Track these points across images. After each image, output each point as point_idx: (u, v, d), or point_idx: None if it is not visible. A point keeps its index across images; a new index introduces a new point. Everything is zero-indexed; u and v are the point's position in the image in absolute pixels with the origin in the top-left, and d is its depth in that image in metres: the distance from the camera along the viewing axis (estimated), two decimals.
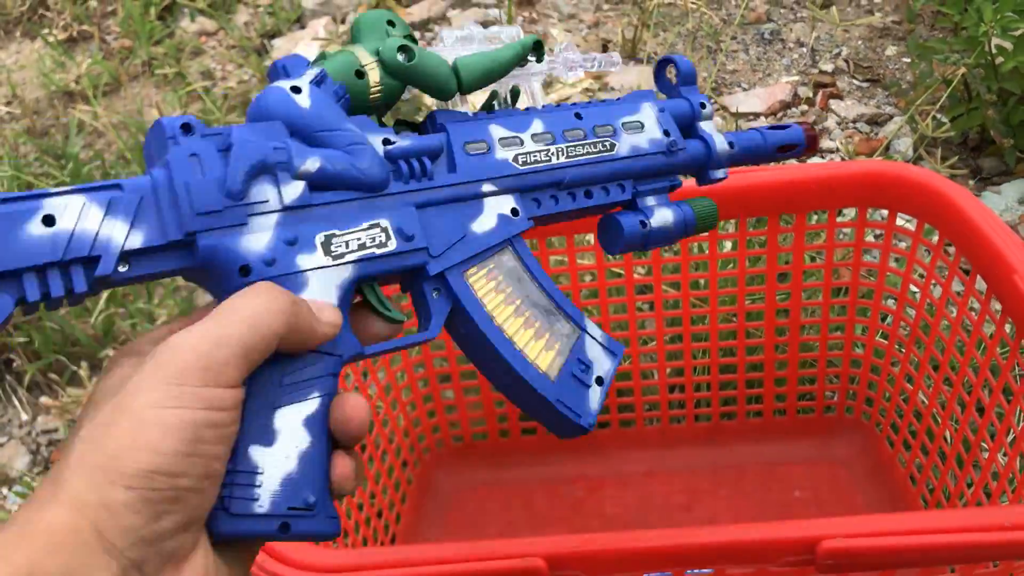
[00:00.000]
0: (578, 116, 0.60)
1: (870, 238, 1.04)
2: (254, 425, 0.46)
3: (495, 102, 0.60)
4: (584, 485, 1.18)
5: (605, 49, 1.95)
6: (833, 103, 1.82)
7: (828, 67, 1.93)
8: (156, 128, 0.48)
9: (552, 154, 0.58)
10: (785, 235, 1.06)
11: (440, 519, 1.15)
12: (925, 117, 1.59)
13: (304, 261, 0.49)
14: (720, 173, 0.66)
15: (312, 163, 0.49)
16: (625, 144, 0.61)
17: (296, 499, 0.46)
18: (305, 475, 0.47)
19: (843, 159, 1.64)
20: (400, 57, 0.53)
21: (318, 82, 0.51)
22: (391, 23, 0.56)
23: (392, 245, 0.52)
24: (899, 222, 1.00)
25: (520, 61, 0.58)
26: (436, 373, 1.14)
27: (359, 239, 0.51)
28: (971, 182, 1.57)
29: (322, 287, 0.49)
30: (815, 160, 1.67)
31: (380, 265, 0.52)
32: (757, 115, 1.80)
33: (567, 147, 0.59)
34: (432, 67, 0.54)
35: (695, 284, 1.10)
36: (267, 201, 0.48)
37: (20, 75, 1.97)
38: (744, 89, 1.89)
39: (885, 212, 1.01)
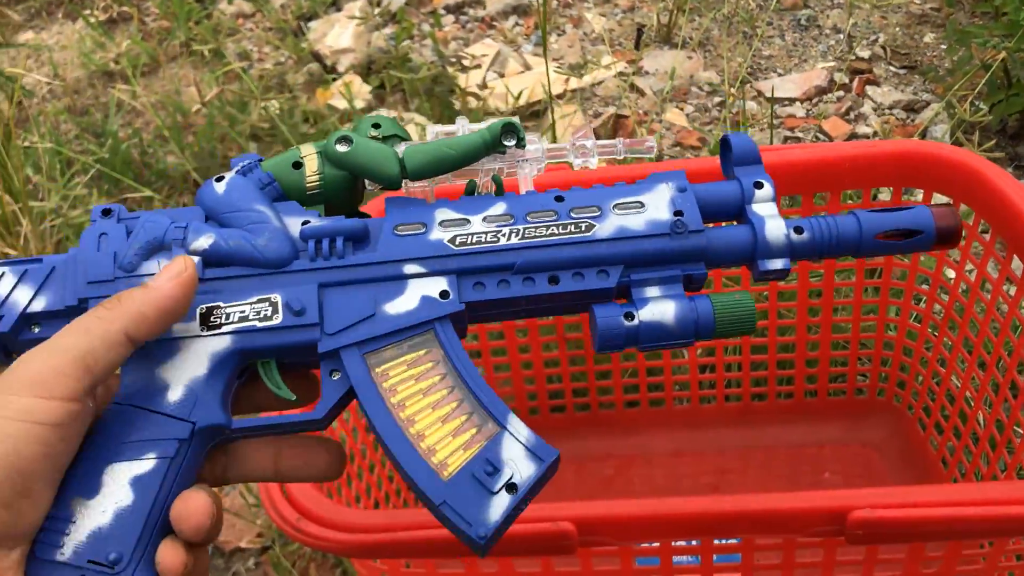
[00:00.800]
0: (559, 199, 0.54)
1: None
2: (81, 474, 0.46)
3: (476, 192, 0.56)
4: (613, 463, 1.18)
5: (640, 33, 1.94)
6: (869, 89, 1.81)
7: (865, 53, 1.91)
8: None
9: (502, 235, 0.52)
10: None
11: None
12: (963, 103, 1.57)
13: (178, 329, 0.50)
14: (777, 263, 0.53)
15: (205, 240, 0.52)
16: (609, 225, 0.53)
17: (99, 554, 0.45)
18: (115, 533, 0.46)
19: None
20: (338, 147, 0.54)
21: (245, 172, 0.54)
22: (376, 125, 0.56)
23: (278, 319, 0.51)
24: (934, 203, 1.00)
25: (490, 148, 0.54)
26: (467, 349, 1.15)
27: (242, 312, 0.51)
28: (1009, 169, 1.55)
29: (194, 355, 0.50)
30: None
31: (263, 339, 0.51)
32: (792, 100, 1.79)
33: (524, 228, 0.53)
34: (370, 155, 0.54)
35: None
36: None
37: (61, 55, 1.99)
38: (779, 75, 1.88)
39: (920, 193, 1.00)
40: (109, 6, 2.07)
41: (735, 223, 0.55)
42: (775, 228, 0.53)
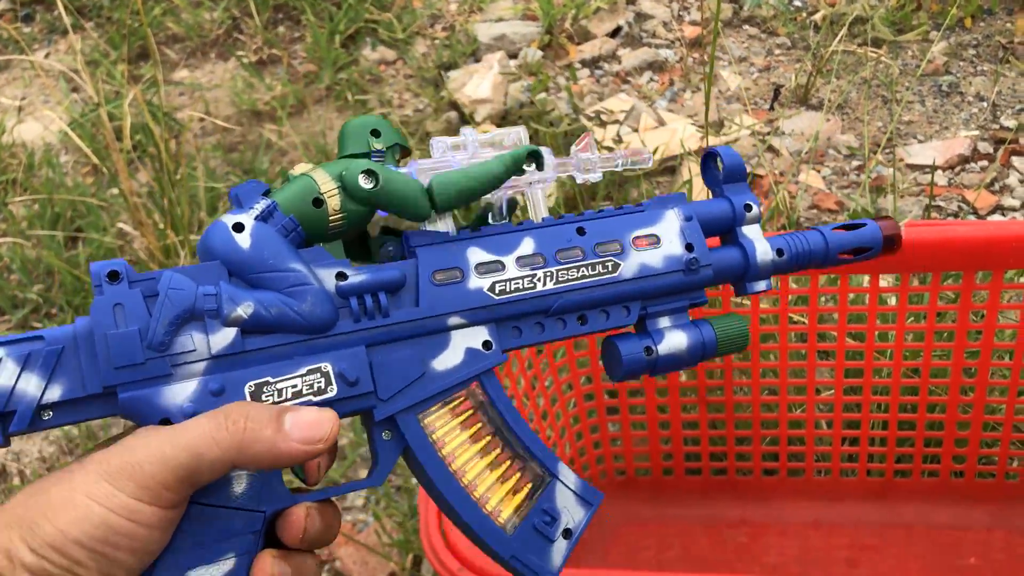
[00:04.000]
0: (581, 231, 0.55)
1: None
2: None
3: (490, 215, 0.55)
4: (746, 530, 1.17)
5: (777, 93, 1.94)
6: (1016, 160, 1.76)
7: (1010, 123, 1.87)
8: (91, 273, 0.47)
9: (538, 280, 0.53)
10: (980, 292, 1.04)
11: (600, 549, 1.16)
12: None
13: None
14: (761, 285, 0.59)
15: (244, 309, 0.47)
16: (632, 264, 0.55)
17: None
18: None
19: None
20: (363, 182, 0.50)
21: (265, 216, 0.49)
22: (376, 132, 0.53)
23: (332, 391, 0.49)
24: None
25: (512, 173, 0.53)
26: (605, 405, 1.16)
27: (295, 386, 0.48)
28: None
29: None
30: (1012, 216, 1.62)
31: None
32: (934, 168, 1.76)
33: (558, 271, 0.54)
34: (399, 191, 0.51)
35: (881, 336, 1.08)
36: (194, 350, 0.47)
37: (213, 93, 2.09)
38: (920, 141, 1.85)
39: None
40: (260, 48, 2.17)
41: (723, 243, 0.60)
42: (764, 253, 0.59)
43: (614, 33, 2.16)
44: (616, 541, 1.17)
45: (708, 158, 0.60)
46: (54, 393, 0.45)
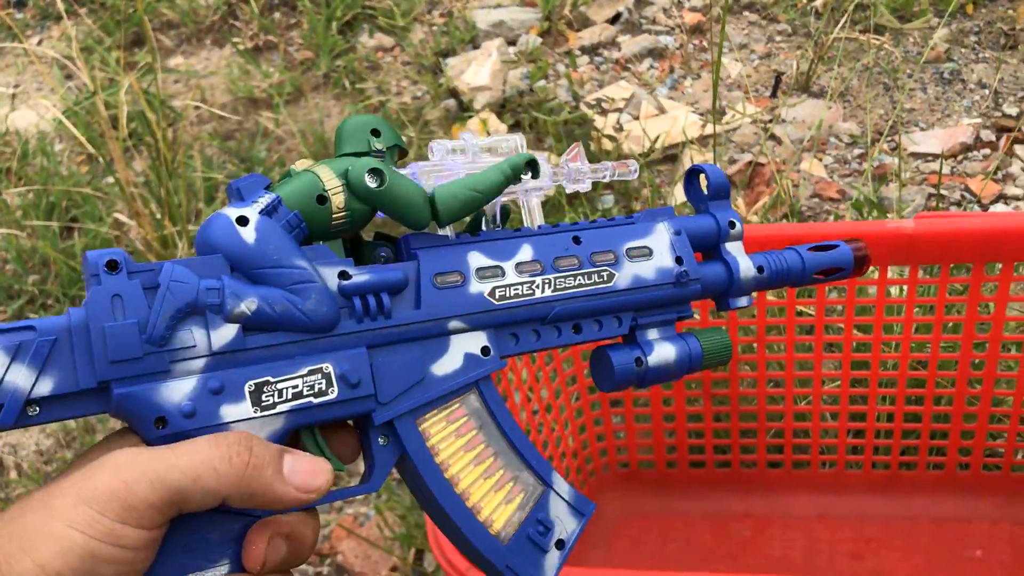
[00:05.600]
0: (576, 240, 0.55)
1: None
2: None
3: (483, 222, 0.56)
4: (750, 524, 1.16)
5: (778, 81, 1.92)
6: (1018, 148, 1.75)
7: (1012, 111, 1.86)
8: (84, 262, 0.45)
9: (537, 287, 0.54)
10: (991, 284, 1.03)
11: (603, 543, 1.15)
12: None
13: (229, 411, 0.45)
14: (743, 300, 0.61)
15: (248, 305, 0.46)
16: (627, 274, 0.56)
17: None
18: None
19: None
20: (369, 181, 0.49)
21: (270, 211, 0.47)
22: (376, 132, 0.52)
23: (333, 393, 0.48)
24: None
25: (511, 182, 0.53)
26: (608, 398, 1.15)
27: (295, 387, 0.47)
28: None
29: None
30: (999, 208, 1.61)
31: (318, 414, 0.48)
32: (936, 156, 1.75)
33: (556, 278, 0.54)
34: (403, 195, 0.50)
35: (888, 328, 1.07)
36: (194, 346, 0.45)
37: (208, 80, 2.07)
38: (921, 129, 1.84)
39: None
40: (256, 35, 2.15)
41: (706, 259, 0.61)
42: (747, 269, 0.60)
43: (614, 20, 2.14)
44: (618, 534, 1.16)
45: (692, 175, 0.61)
46: (44, 387, 0.43)
